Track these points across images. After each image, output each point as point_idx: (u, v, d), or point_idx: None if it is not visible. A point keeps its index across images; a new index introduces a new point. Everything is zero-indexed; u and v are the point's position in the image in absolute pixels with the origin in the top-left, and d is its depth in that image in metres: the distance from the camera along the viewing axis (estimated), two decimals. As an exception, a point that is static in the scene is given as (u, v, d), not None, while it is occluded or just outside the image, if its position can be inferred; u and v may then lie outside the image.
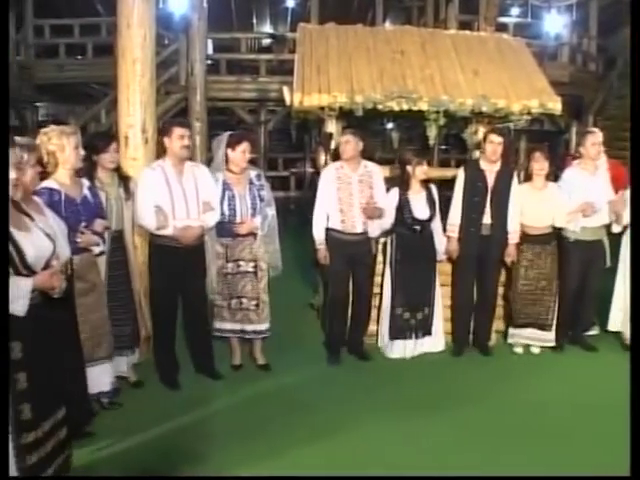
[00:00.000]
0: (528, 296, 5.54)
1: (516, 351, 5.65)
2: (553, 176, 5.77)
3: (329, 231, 5.32)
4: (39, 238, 2.97)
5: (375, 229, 5.36)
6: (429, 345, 5.56)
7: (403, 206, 5.34)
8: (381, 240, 5.61)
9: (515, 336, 5.68)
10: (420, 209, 5.36)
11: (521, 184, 5.61)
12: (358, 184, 5.27)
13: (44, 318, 2.97)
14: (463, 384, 4.99)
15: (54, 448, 3.03)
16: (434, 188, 5.53)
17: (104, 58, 11.77)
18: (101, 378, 4.21)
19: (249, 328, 5.07)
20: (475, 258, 5.51)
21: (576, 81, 13.44)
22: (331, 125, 5.80)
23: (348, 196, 5.25)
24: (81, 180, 4.18)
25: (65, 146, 3.97)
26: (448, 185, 5.77)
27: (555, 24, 14.63)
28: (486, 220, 5.45)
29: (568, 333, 5.80)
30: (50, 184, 3.92)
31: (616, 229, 5.63)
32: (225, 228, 4.94)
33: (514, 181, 5.52)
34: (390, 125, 7.91)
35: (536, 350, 5.65)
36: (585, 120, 13.21)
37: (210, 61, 12.96)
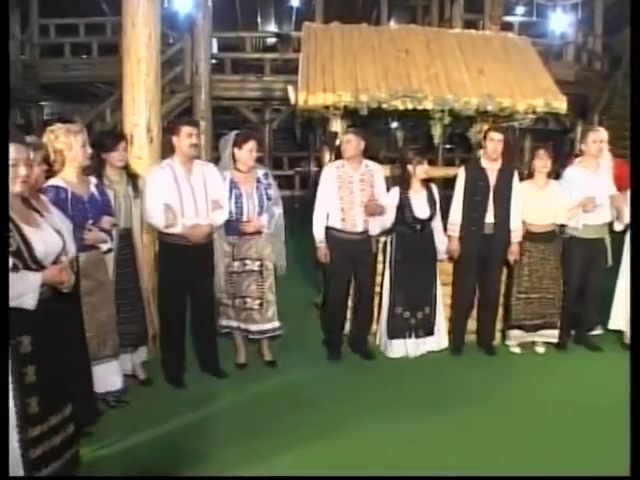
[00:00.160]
0: (532, 295, 5.52)
1: (514, 351, 5.61)
2: (555, 174, 5.75)
3: (329, 230, 5.32)
4: (49, 234, 2.98)
5: (376, 227, 5.36)
6: (432, 344, 5.54)
7: (404, 205, 5.33)
8: (381, 239, 5.59)
9: (516, 338, 5.62)
10: (421, 208, 5.36)
11: (522, 182, 5.58)
12: (359, 183, 5.27)
13: (53, 313, 2.98)
14: (465, 383, 4.98)
15: (62, 443, 3.03)
16: (435, 187, 5.52)
17: (109, 57, 11.81)
18: (108, 376, 4.21)
19: (253, 328, 5.06)
20: (477, 257, 5.49)
21: (581, 80, 13.42)
22: (336, 124, 5.80)
23: (349, 195, 5.25)
24: (88, 178, 4.19)
25: (73, 144, 3.97)
26: (452, 184, 5.74)
27: (560, 23, 14.62)
28: (488, 219, 5.43)
29: (571, 333, 5.79)
30: (57, 182, 3.93)
31: (618, 227, 5.62)
32: (232, 226, 4.94)
33: (515, 179, 5.50)
34: (395, 124, 7.89)
35: (541, 350, 5.63)
36: (590, 119, 13.18)
37: (215, 60, 13.00)
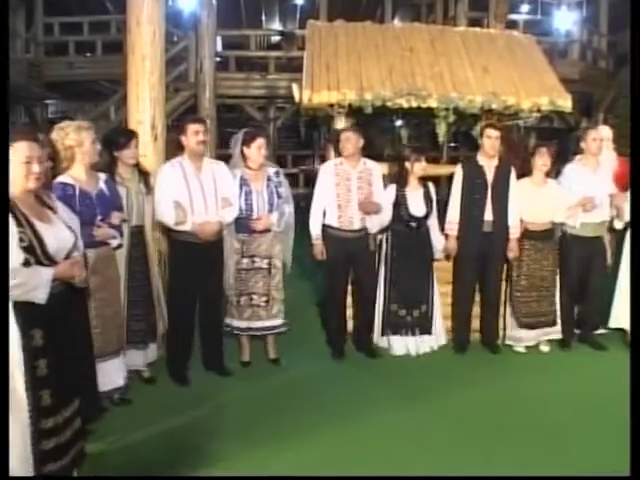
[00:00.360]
0: (532, 293, 5.51)
1: (518, 350, 5.59)
2: (554, 173, 5.74)
3: (326, 227, 5.31)
4: (61, 230, 3.03)
5: (374, 225, 5.33)
6: (430, 342, 5.52)
7: (400, 203, 5.33)
8: (377, 237, 5.55)
9: (517, 339, 5.59)
10: (417, 206, 5.34)
11: (521, 180, 5.55)
12: (357, 181, 5.25)
13: (63, 308, 3.01)
14: (467, 382, 4.93)
15: (72, 436, 3.07)
16: (432, 185, 5.50)
17: (113, 55, 11.80)
18: (113, 374, 4.22)
19: (257, 325, 5.06)
20: (477, 255, 5.48)
21: (586, 78, 13.38)
22: (340, 122, 5.78)
23: (346, 192, 5.23)
24: (98, 174, 4.19)
25: (84, 141, 3.99)
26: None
27: (565, 21, 14.60)
28: (487, 217, 5.41)
29: (575, 331, 5.76)
30: (64, 179, 3.94)
31: (618, 225, 5.60)
32: (242, 224, 4.94)
33: (512, 176, 5.49)
34: (399, 122, 7.86)
35: (545, 348, 5.61)
36: (595, 117, 13.13)
37: (219, 58, 13.00)
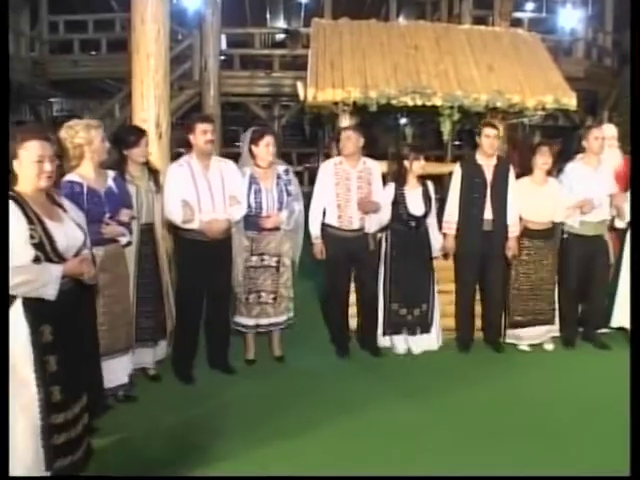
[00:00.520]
0: (530, 292, 5.49)
1: (523, 349, 5.57)
2: (556, 171, 5.72)
3: (326, 226, 5.31)
4: (71, 228, 3.06)
5: (373, 224, 5.32)
6: (431, 340, 5.50)
7: (398, 202, 5.32)
8: (378, 236, 5.52)
9: (517, 336, 5.59)
10: (415, 205, 5.33)
11: (522, 178, 5.54)
12: (357, 180, 5.24)
13: (72, 304, 3.04)
14: (469, 381, 4.91)
15: (81, 432, 3.10)
16: (430, 184, 5.49)
17: (118, 53, 11.82)
18: (120, 371, 4.23)
19: (264, 322, 5.08)
20: (477, 254, 5.46)
21: (591, 76, 13.34)
22: (345, 120, 5.77)
23: (346, 192, 5.23)
24: (106, 172, 4.19)
25: (93, 139, 4.00)
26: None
27: (570, 19, 14.56)
28: (487, 216, 5.40)
29: (579, 330, 5.75)
30: (72, 177, 3.95)
31: (619, 224, 5.59)
32: (251, 222, 4.94)
33: (511, 174, 5.48)
34: (404, 120, 7.85)
35: (549, 347, 5.60)
36: (600, 116, 13.11)
37: (224, 56, 13.01)
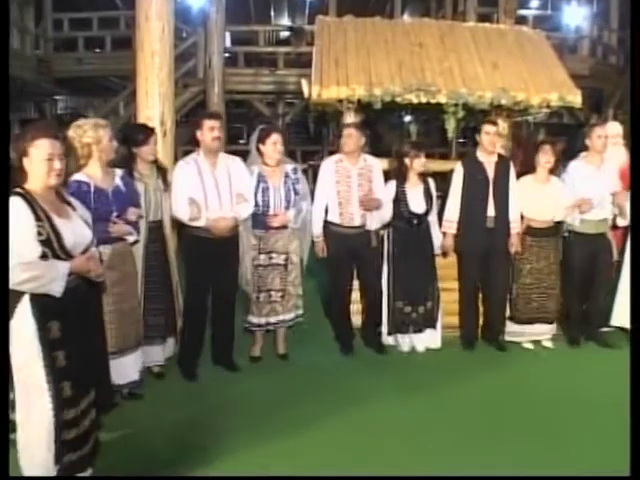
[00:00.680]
0: (534, 290, 5.48)
1: (526, 346, 5.57)
2: (560, 170, 5.71)
3: (328, 224, 5.31)
4: (79, 226, 3.09)
5: (374, 222, 5.31)
6: (435, 338, 5.50)
7: (399, 199, 5.31)
8: (380, 233, 5.49)
9: (517, 334, 5.58)
10: (416, 202, 5.32)
11: (524, 176, 5.53)
12: (357, 178, 5.24)
13: (79, 301, 3.06)
14: (472, 379, 4.89)
15: (89, 427, 3.13)
16: (432, 182, 5.48)
17: (123, 51, 11.83)
18: (130, 368, 4.24)
19: (273, 320, 5.09)
20: (481, 252, 5.45)
21: (596, 74, 13.31)
22: (349, 118, 5.76)
23: (347, 189, 5.23)
24: (114, 170, 4.19)
25: (101, 138, 4.00)
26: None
27: (575, 16, 14.55)
28: (490, 213, 5.39)
29: (582, 329, 5.72)
30: (79, 177, 3.95)
31: (621, 223, 5.57)
32: (259, 220, 4.94)
33: (512, 171, 5.48)
34: (408, 118, 7.85)
35: (548, 343, 5.59)
36: (605, 113, 13.07)
37: (228, 54, 13.02)
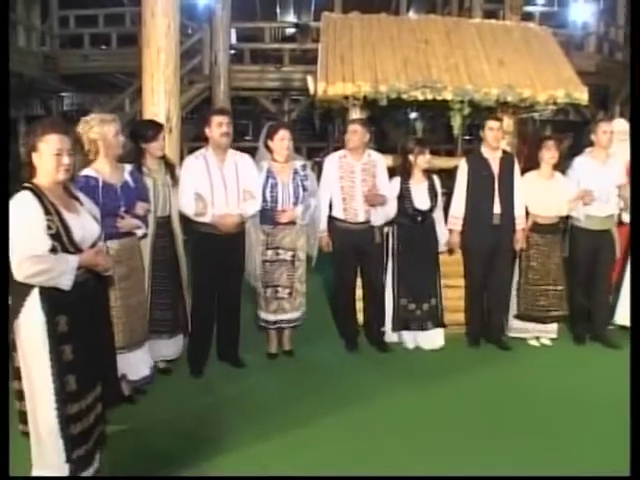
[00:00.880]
0: (541, 286, 5.47)
1: (531, 343, 5.59)
2: (565, 165, 5.71)
3: (332, 219, 5.32)
4: (87, 220, 3.11)
5: (379, 218, 5.31)
6: (440, 335, 5.49)
7: (404, 196, 5.32)
8: (384, 229, 5.50)
9: (521, 330, 5.59)
10: (421, 199, 5.33)
11: (529, 172, 5.55)
12: (361, 173, 5.25)
13: (87, 295, 3.08)
14: (475, 377, 4.91)
15: (94, 421, 3.14)
16: (437, 178, 5.49)
17: (128, 48, 11.82)
18: (140, 363, 4.27)
19: (282, 317, 5.10)
20: (487, 249, 5.45)
21: (603, 71, 13.24)
22: (355, 114, 5.76)
23: (350, 185, 5.24)
24: (123, 166, 4.21)
25: (106, 134, 4.03)
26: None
27: (582, 13, 14.50)
28: (496, 209, 5.39)
29: (587, 327, 5.72)
30: (88, 172, 3.97)
31: (626, 218, 5.56)
32: (267, 216, 4.95)
33: (516, 167, 5.50)
34: (414, 115, 7.83)
35: (547, 341, 5.60)
36: (612, 110, 13.02)
37: (234, 50, 13.00)
